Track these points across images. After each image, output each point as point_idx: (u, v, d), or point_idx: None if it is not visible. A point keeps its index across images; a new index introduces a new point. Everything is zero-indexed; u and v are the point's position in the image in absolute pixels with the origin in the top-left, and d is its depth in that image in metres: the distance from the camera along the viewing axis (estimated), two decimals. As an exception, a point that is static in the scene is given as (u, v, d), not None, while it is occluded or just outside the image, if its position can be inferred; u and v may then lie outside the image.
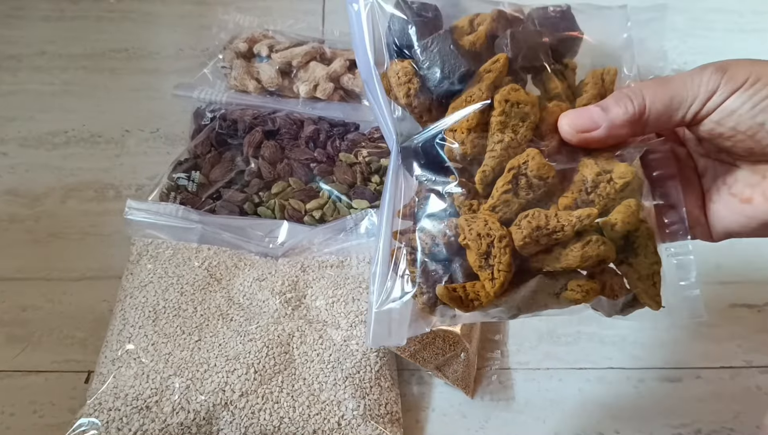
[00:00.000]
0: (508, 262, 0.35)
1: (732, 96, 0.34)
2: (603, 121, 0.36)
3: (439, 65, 0.36)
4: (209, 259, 0.60)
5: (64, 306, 0.62)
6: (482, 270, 0.35)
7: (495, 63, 0.36)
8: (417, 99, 0.36)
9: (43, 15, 0.88)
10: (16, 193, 0.70)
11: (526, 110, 0.35)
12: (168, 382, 0.52)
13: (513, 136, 0.35)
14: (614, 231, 0.35)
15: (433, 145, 0.36)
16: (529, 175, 0.35)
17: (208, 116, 0.73)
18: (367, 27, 0.37)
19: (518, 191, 0.35)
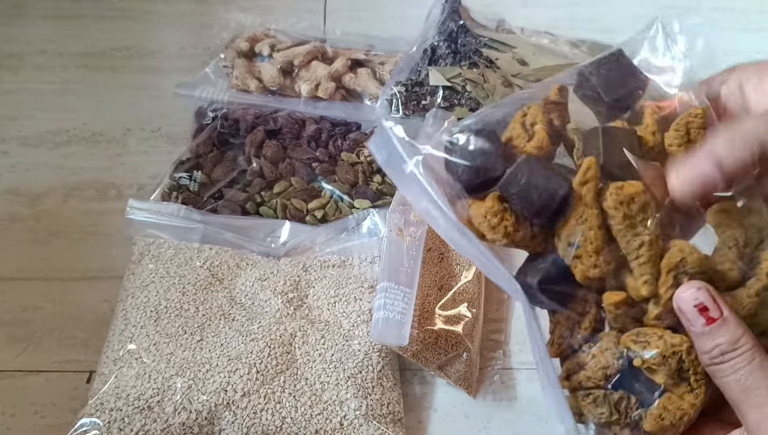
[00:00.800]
0: (704, 370, 0.32)
1: None
2: (718, 171, 0.32)
3: (537, 193, 0.32)
4: (211, 259, 0.60)
5: (65, 306, 0.62)
6: (677, 387, 0.32)
7: (587, 172, 0.32)
8: (517, 234, 0.33)
9: (43, 13, 0.88)
10: (17, 193, 0.69)
11: (644, 199, 0.32)
12: (170, 382, 0.52)
13: (648, 232, 0.32)
14: None
15: (558, 273, 0.33)
16: (689, 273, 0.32)
17: (210, 115, 0.73)
18: (429, 186, 0.33)
19: None
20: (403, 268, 0.56)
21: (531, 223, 0.33)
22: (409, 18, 0.85)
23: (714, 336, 0.31)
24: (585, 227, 0.32)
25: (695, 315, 0.31)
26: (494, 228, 0.33)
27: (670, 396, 0.33)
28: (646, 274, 0.32)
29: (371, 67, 0.78)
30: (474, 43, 0.76)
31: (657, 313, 0.32)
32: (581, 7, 0.91)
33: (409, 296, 0.55)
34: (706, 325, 0.31)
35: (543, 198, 0.32)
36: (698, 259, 0.32)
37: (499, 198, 0.33)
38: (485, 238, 0.33)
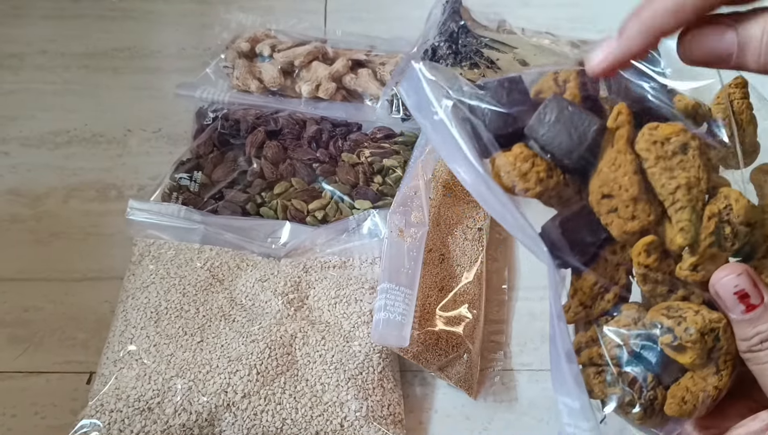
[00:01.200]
0: (736, 350, 0.30)
1: None
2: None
3: (566, 132, 0.30)
4: (211, 260, 0.60)
5: (65, 307, 0.62)
6: (702, 368, 0.30)
7: (619, 115, 0.30)
8: (550, 180, 0.30)
9: (43, 13, 0.88)
10: (18, 193, 0.69)
11: (681, 140, 0.30)
12: (170, 384, 0.52)
13: (687, 174, 0.29)
14: None
15: (587, 225, 0.31)
16: (733, 222, 0.30)
17: (211, 116, 0.72)
18: (456, 132, 0.31)
19: (723, 243, 0.30)
20: (404, 269, 0.56)
21: (563, 171, 0.30)
22: (410, 18, 0.85)
23: (755, 323, 0.29)
24: (620, 173, 0.30)
25: (734, 302, 0.29)
26: (525, 174, 0.30)
27: (693, 377, 0.30)
28: (683, 220, 0.29)
29: (372, 68, 0.78)
30: (475, 44, 0.76)
31: (693, 262, 0.30)
32: (582, 7, 0.91)
33: (410, 297, 0.55)
34: (746, 312, 0.29)
35: (574, 137, 0.30)
36: (745, 207, 0.29)
37: (528, 145, 0.30)
38: (513, 190, 0.31)
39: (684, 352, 0.30)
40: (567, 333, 0.31)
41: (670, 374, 0.31)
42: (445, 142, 0.31)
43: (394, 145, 0.70)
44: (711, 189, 0.30)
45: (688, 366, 0.30)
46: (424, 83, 0.31)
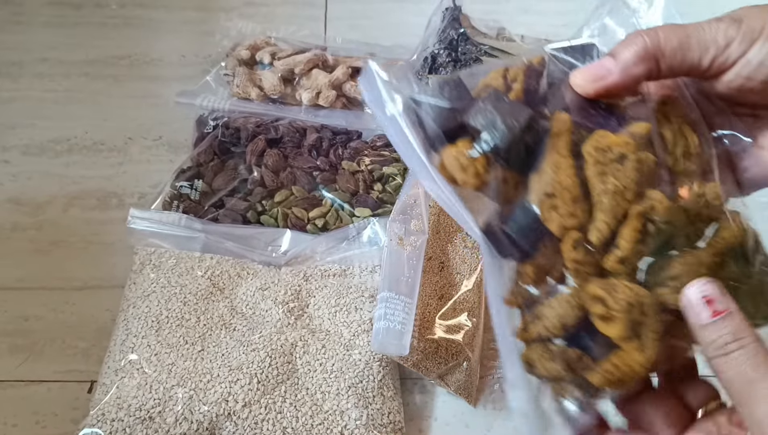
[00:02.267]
0: (660, 328, 0.33)
1: (753, 47, 0.33)
2: (615, 65, 0.34)
3: (501, 119, 0.33)
4: (212, 269, 0.60)
5: (66, 315, 0.62)
6: (629, 341, 0.32)
7: (560, 123, 0.33)
8: (487, 175, 0.33)
9: (44, 21, 0.88)
10: (18, 202, 0.70)
11: (621, 151, 0.33)
12: (171, 393, 0.52)
13: (616, 182, 0.33)
14: (731, 252, 0.34)
15: (528, 220, 0.33)
16: (657, 221, 0.33)
17: (211, 124, 0.73)
18: (406, 126, 0.34)
19: (646, 239, 0.33)
20: (404, 278, 0.57)
21: (502, 167, 0.33)
22: (409, 26, 0.85)
23: (719, 327, 0.31)
24: (562, 175, 0.33)
25: (702, 307, 0.31)
26: (465, 168, 0.33)
27: (621, 353, 0.33)
28: (599, 220, 0.33)
29: (372, 75, 0.78)
30: (474, 51, 0.76)
31: (620, 256, 0.33)
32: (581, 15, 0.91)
33: (410, 306, 0.55)
34: (711, 317, 0.31)
35: (508, 122, 0.33)
36: (668, 208, 0.33)
37: (474, 143, 0.33)
38: (456, 181, 0.34)
39: (613, 323, 0.32)
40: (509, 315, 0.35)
41: (601, 351, 0.33)
42: (397, 135, 0.34)
43: (394, 153, 0.71)
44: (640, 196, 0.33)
45: (615, 339, 0.32)
46: (378, 81, 0.34)
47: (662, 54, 0.34)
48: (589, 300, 0.33)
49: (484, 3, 0.88)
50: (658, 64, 0.34)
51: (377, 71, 0.34)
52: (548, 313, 0.34)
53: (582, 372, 0.34)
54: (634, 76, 0.34)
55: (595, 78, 0.34)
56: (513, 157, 0.33)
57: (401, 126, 0.34)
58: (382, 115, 0.34)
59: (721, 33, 0.34)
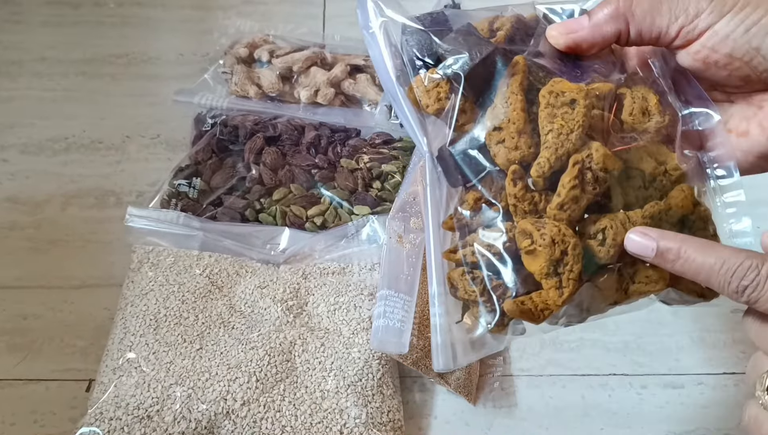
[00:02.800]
0: (579, 270, 0.34)
1: (723, 19, 0.35)
2: (587, 22, 0.36)
3: (467, 50, 0.35)
4: (210, 267, 0.60)
5: (64, 314, 0.62)
6: (549, 278, 0.34)
7: (516, 64, 0.36)
8: (448, 100, 0.36)
9: (42, 20, 0.88)
10: (17, 201, 0.69)
11: (572, 96, 0.35)
12: (169, 391, 0.52)
13: (563, 123, 0.35)
14: (669, 216, 0.36)
15: (477, 150, 0.36)
16: (594, 169, 0.34)
17: (209, 122, 0.73)
18: (384, 46, 0.37)
19: (585, 186, 0.35)
20: (403, 276, 0.56)
21: (462, 96, 0.36)
22: (408, 23, 0.85)
23: None
24: (510, 109, 0.35)
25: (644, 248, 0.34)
26: (428, 92, 0.36)
27: (540, 293, 0.35)
28: (543, 157, 0.34)
29: (370, 73, 0.78)
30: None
31: (559, 201, 0.34)
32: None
33: (409, 304, 0.55)
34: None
35: (473, 54, 0.35)
36: (603, 155, 0.34)
37: (441, 70, 0.36)
38: (419, 106, 0.37)
39: (536, 258, 0.34)
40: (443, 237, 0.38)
41: (525, 285, 0.35)
42: (375, 54, 0.37)
43: (393, 151, 0.70)
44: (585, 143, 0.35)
45: (536, 274, 0.34)
46: (368, 1, 0.37)
47: (632, 15, 0.36)
48: (519, 233, 0.35)
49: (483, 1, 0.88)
50: (627, 26, 0.36)
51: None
52: (478, 240, 0.36)
53: (498, 299, 0.35)
54: (604, 34, 0.36)
55: (568, 31, 0.37)
56: (472, 87, 0.36)
57: (380, 45, 0.37)
58: (366, 32, 0.37)
59: (693, 3, 0.35)
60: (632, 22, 0.36)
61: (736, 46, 0.35)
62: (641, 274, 0.36)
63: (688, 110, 0.39)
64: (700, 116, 0.39)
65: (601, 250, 0.35)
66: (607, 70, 0.39)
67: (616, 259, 0.35)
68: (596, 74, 0.38)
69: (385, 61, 0.37)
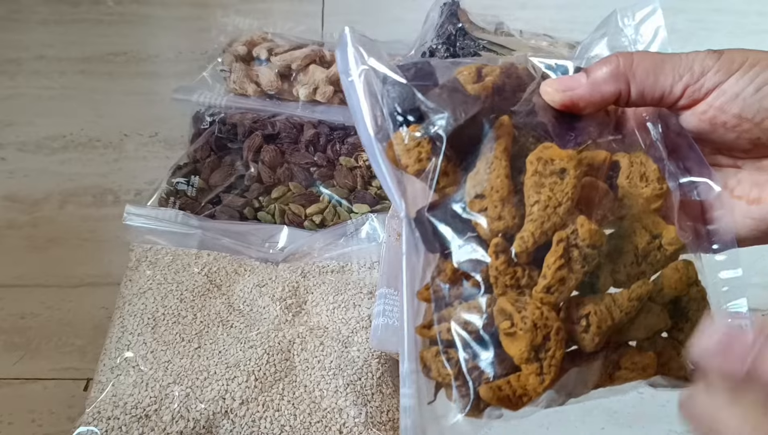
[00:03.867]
0: (562, 357, 0.31)
1: (731, 78, 0.33)
2: (585, 79, 0.34)
3: (451, 109, 0.32)
4: (209, 265, 0.59)
5: (62, 313, 0.62)
6: (529, 363, 0.31)
7: (501, 126, 0.33)
8: (430, 161, 0.32)
9: (41, 18, 0.88)
10: (15, 199, 0.69)
11: (562, 165, 0.32)
12: (167, 391, 0.51)
13: (550, 194, 0.32)
14: (660, 296, 0.34)
15: (457, 217, 0.32)
16: (581, 246, 0.32)
17: (208, 120, 0.72)
18: (363, 97, 0.34)
19: (572, 265, 0.32)
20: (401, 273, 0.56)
21: (444, 157, 0.33)
22: (407, 21, 0.85)
23: None
24: (493, 176, 0.32)
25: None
26: (409, 151, 0.33)
27: (519, 375, 0.31)
28: (526, 231, 0.31)
29: (370, 71, 0.78)
30: (473, 46, 0.76)
31: (545, 284, 0.31)
32: (580, 9, 0.91)
33: None
34: None
35: (457, 112, 0.32)
36: (590, 231, 0.31)
37: (423, 128, 0.33)
38: (398, 164, 0.33)
39: (515, 341, 0.31)
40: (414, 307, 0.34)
41: (503, 368, 0.31)
42: (353, 103, 0.34)
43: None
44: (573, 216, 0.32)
45: (516, 357, 0.31)
46: (349, 47, 0.34)
47: (633, 75, 0.33)
48: (498, 312, 0.31)
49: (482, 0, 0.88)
50: (628, 86, 0.34)
51: (350, 37, 0.34)
52: (455, 316, 0.32)
53: (473, 383, 0.32)
54: (602, 93, 0.34)
55: (564, 88, 0.34)
56: (455, 149, 0.33)
57: (358, 95, 0.34)
58: (345, 79, 0.34)
59: (698, 62, 0.33)
60: (633, 81, 0.34)
61: (746, 106, 0.33)
62: (628, 360, 0.33)
63: (687, 178, 0.36)
64: (700, 186, 0.36)
65: (585, 337, 0.32)
66: (602, 130, 0.36)
67: (601, 347, 0.33)
68: (591, 137, 0.35)
69: (363, 112, 0.34)
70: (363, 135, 0.34)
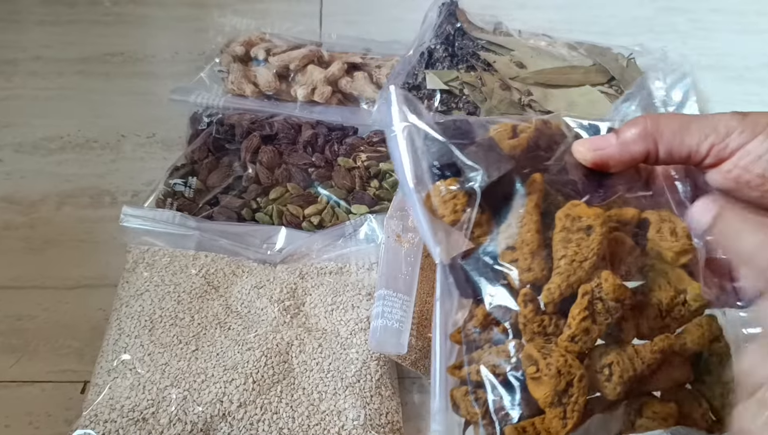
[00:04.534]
0: (584, 403, 0.33)
1: (755, 139, 0.34)
2: (615, 140, 0.36)
3: (485, 167, 0.35)
4: (206, 267, 0.59)
5: (59, 315, 0.61)
6: (553, 407, 0.33)
7: (533, 183, 0.36)
8: (464, 213, 0.36)
9: (38, 19, 0.87)
10: (11, 200, 0.69)
11: (589, 223, 0.35)
12: (164, 393, 0.51)
13: (577, 250, 0.34)
14: (682, 350, 0.35)
15: (489, 267, 0.36)
16: (605, 299, 0.34)
17: (205, 121, 0.72)
18: (405, 151, 0.37)
19: (596, 317, 0.34)
20: (401, 275, 0.56)
21: (478, 210, 0.36)
22: (405, 21, 0.84)
23: None
24: (524, 230, 0.35)
25: None
26: (445, 202, 0.36)
27: (543, 418, 0.33)
28: (553, 283, 0.34)
29: (368, 71, 0.78)
30: (471, 46, 0.76)
31: (569, 334, 0.34)
32: (579, 9, 0.90)
33: (408, 304, 0.54)
34: None
35: (490, 170, 0.36)
36: (614, 285, 0.33)
37: (460, 182, 0.36)
38: (435, 213, 0.37)
39: (540, 385, 0.33)
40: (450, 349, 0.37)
41: (528, 410, 0.34)
42: (395, 156, 0.37)
43: (391, 149, 0.70)
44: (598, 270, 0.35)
45: (540, 401, 0.33)
46: (394, 105, 0.38)
47: (660, 136, 0.36)
48: (525, 358, 0.34)
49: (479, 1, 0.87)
50: (656, 146, 0.36)
51: (394, 94, 0.38)
52: (484, 359, 0.35)
53: (499, 422, 0.34)
54: (632, 153, 0.36)
55: (596, 147, 0.37)
56: (488, 202, 0.36)
57: (400, 150, 0.37)
58: (389, 133, 0.38)
59: (723, 123, 0.35)
60: (661, 141, 0.36)
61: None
62: (649, 409, 0.35)
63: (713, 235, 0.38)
64: None
65: (608, 386, 0.34)
66: (631, 186, 0.39)
67: (623, 396, 0.34)
68: (619, 195, 0.38)
69: (404, 165, 0.37)
70: (403, 184, 0.37)
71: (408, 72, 0.74)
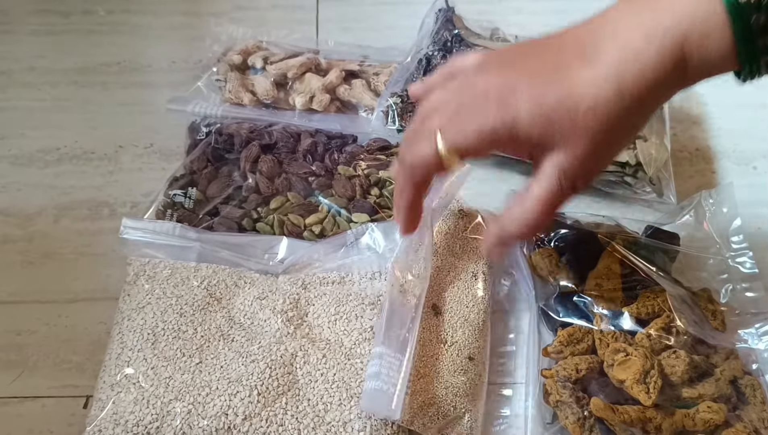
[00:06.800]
0: (661, 383, 0.50)
1: None
2: None
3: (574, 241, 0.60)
4: (208, 278, 0.59)
5: (59, 329, 0.61)
6: (639, 384, 0.49)
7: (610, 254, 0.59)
8: (557, 269, 0.59)
9: (32, 29, 0.87)
10: (8, 214, 0.68)
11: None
12: (169, 407, 0.51)
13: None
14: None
15: (573, 304, 0.57)
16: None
17: (204, 130, 0.72)
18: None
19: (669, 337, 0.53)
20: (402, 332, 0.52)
21: (568, 268, 0.59)
22: (402, 28, 0.84)
23: None
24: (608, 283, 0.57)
25: None
26: (544, 259, 0.60)
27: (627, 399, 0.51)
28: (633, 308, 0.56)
29: (366, 78, 0.77)
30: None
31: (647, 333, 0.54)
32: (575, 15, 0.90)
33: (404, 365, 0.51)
34: None
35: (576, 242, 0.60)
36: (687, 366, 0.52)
37: (557, 249, 0.61)
38: (535, 269, 0.60)
39: (629, 368, 0.51)
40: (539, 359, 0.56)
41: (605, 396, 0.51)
42: (521, 267, 0.62)
43: (390, 157, 0.70)
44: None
45: (628, 380, 0.50)
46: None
47: None
48: (611, 352, 0.52)
49: (477, 3, 0.87)
50: None
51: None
52: (569, 361, 0.53)
53: (582, 409, 0.50)
54: None
55: None
56: (572, 258, 0.60)
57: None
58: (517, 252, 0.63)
59: None
60: None
61: None
62: None
63: None
64: None
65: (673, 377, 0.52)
66: None
67: None
68: None
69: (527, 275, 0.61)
70: (514, 253, 0.62)
71: (406, 79, 0.74)
